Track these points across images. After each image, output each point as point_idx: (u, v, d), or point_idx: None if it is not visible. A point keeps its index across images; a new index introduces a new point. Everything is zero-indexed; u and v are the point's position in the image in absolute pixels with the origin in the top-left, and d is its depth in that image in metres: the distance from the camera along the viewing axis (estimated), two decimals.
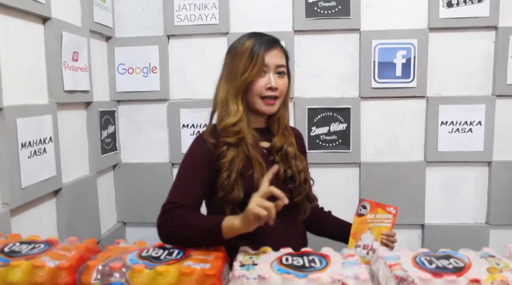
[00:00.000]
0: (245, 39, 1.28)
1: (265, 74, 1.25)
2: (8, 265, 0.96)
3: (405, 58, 2.13)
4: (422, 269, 0.92)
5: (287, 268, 0.94)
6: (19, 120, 1.42)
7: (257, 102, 1.27)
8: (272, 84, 1.24)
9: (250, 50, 1.24)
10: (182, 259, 1.00)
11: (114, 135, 2.22)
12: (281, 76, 1.28)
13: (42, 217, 1.61)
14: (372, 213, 1.35)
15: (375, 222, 1.34)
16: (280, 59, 1.28)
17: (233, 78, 1.26)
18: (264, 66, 1.24)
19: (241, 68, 1.24)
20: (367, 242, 1.33)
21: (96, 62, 2.05)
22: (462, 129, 2.14)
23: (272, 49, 1.26)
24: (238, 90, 1.25)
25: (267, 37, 1.30)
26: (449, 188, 2.20)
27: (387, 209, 1.36)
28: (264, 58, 1.24)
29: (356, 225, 1.36)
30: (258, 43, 1.25)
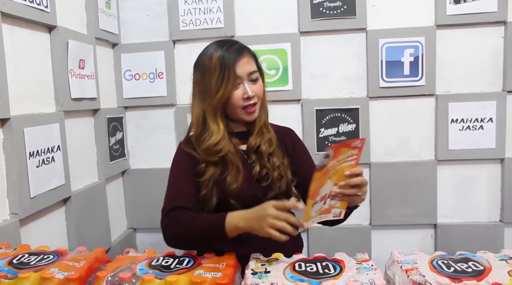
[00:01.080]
0: (211, 52, 1.26)
1: (240, 85, 1.24)
2: (17, 277, 0.95)
3: (413, 56, 2.10)
4: (440, 274, 0.90)
5: (301, 275, 0.92)
6: (26, 129, 1.41)
7: (238, 112, 1.27)
8: (249, 94, 1.24)
9: (220, 65, 1.22)
10: (192, 268, 0.99)
11: (122, 141, 2.21)
12: (255, 81, 1.27)
13: (52, 226, 1.60)
14: (334, 158, 1.01)
15: (337, 166, 1.04)
16: (250, 66, 1.26)
17: (208, 97, 1.25)
18: (237, 79, 1.23)
19: (214, 85, 1.23)
20: (325, 191, 1.06)
21: (102, 69, 2.04)
22: (473, 126, 2.10)
23: (241, 58, 1.24)
24: (215, 108, 1.25)
25: (233, 46, 1.26)
26: (461, 186, 2.16)
27: (352, 144, 1.03)
28: (235, 71, 1.22)
29: (315, 181, 1.01)
30: (226, 55, 1.23)
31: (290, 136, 1.45)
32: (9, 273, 0.96)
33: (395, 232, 2.19)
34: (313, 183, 1.01)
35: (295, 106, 2.18)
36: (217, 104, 1.24)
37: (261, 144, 1.31)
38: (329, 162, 1.01)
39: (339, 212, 1.12)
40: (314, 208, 1.05)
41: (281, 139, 1.39)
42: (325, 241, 2.18)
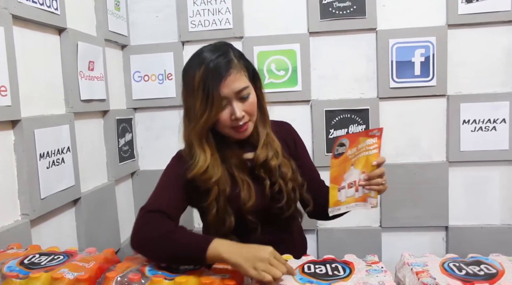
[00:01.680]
0: (194, 67, 1.12)
1: (226, 106, 1.12)
2: (28, 277, 0.95)
3: (424, 56, 2.08)
4: (452, 276, 0.88)
5: (310, 277, 0.91)
6: (37, 131, 1.42)
7: (228, 132, 1.17)
8: (236, 115, 1.11)
9: (203, 86, 1.09)
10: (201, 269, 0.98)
11: (131, 143, 2.22)
12: (245, 99, 1.13)
13: (62, 227, 1.61)
14: (352, 147, 1.07)
15: (358, 155, 1.09)
16: (238, 83, 1.12)
17: (193, 119, 1.14)
18: (223, 100, 1.11)
19: (198, 108, 1.11)
20: (353, 178, 1.11)
21: (112, 70, 2.05)
22: (485, 127, 2.07)
23: (227, 76, 1.10)
24: (200, 134, 1.15)
25: (218, 59, 1.11)
26: (473, 188, 2.13)
27: (370, 133, 1.08)
28: (220, 92, 1.09)
29: (335, 168, 1.08)
30: (210, 75, 1.09)
31: (290, 134, 1.36)
32: (21, 273, 0.97)
33: (405, 234, 2.17)
34: (332, 169, 1.08)
35: (305, 107, 2.17)
36: (202, 130, 1.13)
37: (268, 157, 1.21)
38: (347, 150, 1.07)
39: (375, 202, 1.12)
40: (342, 193, 1.09)
41: (283, 141, 1.30)
42: (335, 243, 2.17)
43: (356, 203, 1.12)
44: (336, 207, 1.10)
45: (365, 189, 1.11)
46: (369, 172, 1.10)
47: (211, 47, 1.16)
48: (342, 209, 1.11)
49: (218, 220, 1.18)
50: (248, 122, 1.16)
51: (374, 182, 1.11)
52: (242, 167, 1.21)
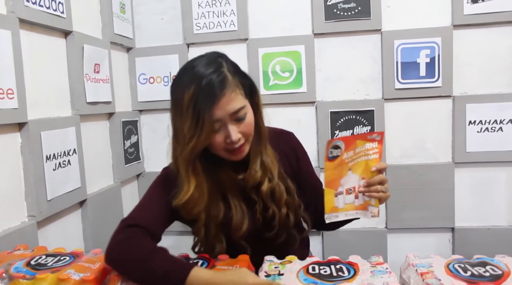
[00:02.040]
0: (184, 84, 1.00)
1: (220, 128, 1.02)
2: (35, 278, 0.96)
3: (429, 57, 2.07)
4: (457, 278, 0.88)
5: (314, 278, 0.91)
6: (43, 133, 1.43)
7: (222, 154, 1.07)
8: (232, 138, 1.02)
9: (193, 108, 0.98)
10: None
11: (137, 144, 2.23)
12: (242, 120, 1.03)
13: (68, 228, 1.62)
14: (349, 150, 1.03)
15: (356, 159, 1.04)
16: (234, 104, 1.01)
17: (180, 142, 1.03)
18: (215, 123, 1.00)
19: (186, 132, 1.00)
20: (352, 184, 1.05)
21: (117, 73, 2.07)
22: (491, 128, 2.06)
23: (221, 97, 0.98)
24: (187, 161, 1.04)
25: (211, 75, 0.99)
26: (479, 189, 2.12)
27: (369, 137, 1.03)
28: (212, 115, 0.98)
29: (330, 171, 1.04)
30: (201, 95, 0.97)
31: (291, 147, 1.25)
32: (27, 273, 0.98)
33: (411, 236, 2.16)
34: (327, 173, 1.04)
35: (310, 109, 2.17)
36: (189, 157, 1.03)
37: (261, 181, 1.12)
38: (343, 153, 1.03)
39: (376, 211, 1.04)
40: (340, 199, 1.05)
41: (284, 155, 1.21)
42: (340, 244, 2.16)
43: (357, 211, 1.06)
44: (334, 213, 1.05)
45: (365, 196, 1.04)
46: (369, 178, 1.03)
47: (203, 60, 1.04)
48: (341, 216, 1.06)
49: (207, 244, 1.13)
50: (244, 143, 1.07)
51: (373, 189, 1.02)
52: (235, 188, 1.14)
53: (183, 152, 1.03)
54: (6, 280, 0.98)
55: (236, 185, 1.14)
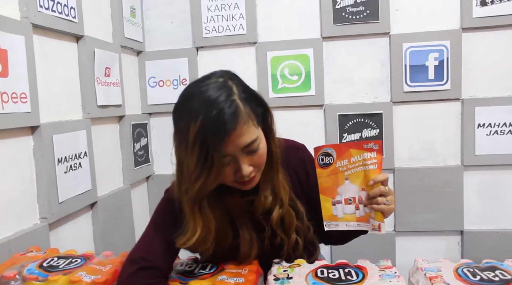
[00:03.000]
0: (188, 117, 0.88)
1: (230, 161, 0.93)
2: (47, 280, 0.98)
3: (438, 60, 2.07)
4: (466, 282, 0.88)
5: (323, 282, 0.92)
6: (55, 136, 1.45)
7: (231, 185, 0.99)
8: (243, 173, 0.94)
9: (200, 145, 0.87)
10: (215, 273, 1.00)
11: (146, 147, 2.25)
12: (254, 152, 0.94)
13: (79, 230, 1.64)
14: (342, 158, 1.00)
15: (352, 168, 1.00)
16: (246, 137, 0.91)
17: (185, 179, 0.93)
18: (225, 158, 0.91)
19: (192, 168, 0.90)
20: (351, 195, 1.01)
21: (127, 76, 2.09)
22: (501, 131, 2.05)
23: (231, 132, 0.88)
24: (193, 201, 0.95)
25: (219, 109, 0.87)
26: (489, 192, 2.11)
27: (364, 146, 0.98)
28: (222, 151, 0.89)
29: (324, 178, 1.02)
30: (209, 130, 0.86)
31: (302, 164, 1.16)
32: (40, 275, 1.00)
33: (420, 239, 2.15)
34: (320, 180, 1.02)
35: (318, 112, 2.18)
36: (196, 197, 0.94)
37: (271, 207, 1.06)
38: (336, 162, 1.00)
39: (377, 225, 0.98)
40: (339, 209, 1.02)
41: (294, 172, 1.14)
42: (349, 248, 2.12)
43: (358, 223, 1.02)
44: (333, 221, 1.03)
45: (367, 208, 1.00)
46: (369, 189, 0.98)
47: (211, 84, 0.91)
48: (341, 226, 1.02)
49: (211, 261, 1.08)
50: (255, 174, 0.99)
51: (374, 201, 0.96)
52: (243, 214, 1.06)
53: (189, 192, 0.93)
54: (19, 281, 0.99)
55: (245, 210, 1.06)
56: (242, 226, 1.05)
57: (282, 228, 1.08)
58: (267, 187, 1.05)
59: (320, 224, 1.04)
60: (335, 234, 1.08)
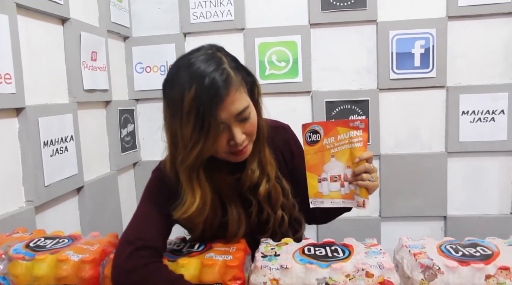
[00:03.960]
0: (182, 85, 0.90)
1: (224, 129, 0.94)
2: (34, 259, 0.98)
3: (424, 48, 2.09)
4: (448, 258, 0.90)
5: (310, 258, 0.93)
6: (41, 119, 1.44)
7: (224, 157, 1.00)
8: (237, 141, 0.95)
9: (196, 112, 0.89)
10: (203, 251, 1.00)
11: (133, 133, 2.24)
12: (246, 120, 0.96)
13: (65, 214, 1.64)
14: (329, 136, 1.01)
15: (338, 146, 1.02)
16: (239, 104, 0.93)
17: (181, 150, 0.94)
18: (220, 125, 0.92)
19: (188, 137, 0.91)
20: (337, 172, 1.03)
21: (114, 62, 2.07)
22: (484, 118, 2.09)
23: (225, 98, 0.90)
24: (191, 170, 0.96)
25: (212, 76, 0.90)
26: (472, 178, 2.15)
27: (351, 124, 1.00)
28: (218, 118, 0.90)
29: (311, 155, 1.03)
30: (204, 97, 0.88)
31: (287, 143, 1.18)
32: (27, 255, 0.99)
33: (404, 224, 2.19)
34: (307, 157, 1.04)
35: (305, 98, 2.19)
36: (193, 165, 0.95)
37: (258, 182, 1.07)
38: (323, 139, 1.02)
39: (362, 201, 1.01)
40: (324, 186, 1.03)
41: (279, 151, 1.15)
42: (334, 233, 2.14)
43: (343, 200, 1.04)
44: (318, 198, 1.04)
45: (352, 185, 1.02)
46: (355, 167, 1.00)
47: (200, 56, 0.94)
48: (326, 203, 1.04)
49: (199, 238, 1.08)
50: (247, 144, 1.00)
51: (359, 178, 0.99)
52: (231, 190, 1.07)
53: (186, 161, 0.94)
54: (6, 261, 0.99)
55: (232, 187, 1.07)
56: (231, 204, 1.06)
57: (269, 203, 1.10)
58: (254, 160, 1.06)
59: (305, 203, 1.06)
60: (319, 212, 1.11)
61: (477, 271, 0.86)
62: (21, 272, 0.96)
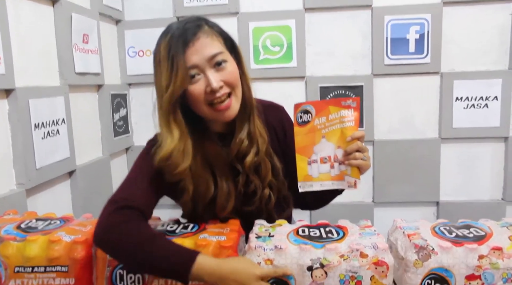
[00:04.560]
0: (161, 39, 0.99)
1: (199, 77, 0.96)
2: (25, 240, 0.97)
3: (419, 33, 2.08)
4: (442, 238, 0.91)
5: (304, 239, 0.93)
6: (31, 101, 1.42)
7: (207, 112, 1.00)
8: (212, 86, 0.95)
9: (167, 55, 0.94)
10: (197, 232, 1.00)
11: (126, 118, 2.22)
12: (222, 67, 0.97)
13: (57, 198, 1.62)
14: (320, 116, 0.99)
15: (329, 126, 0.99)
16: (210, 47, 0.96)
17: (160, 96, 0.99)
18: (190, 69, 0.95)
19: (164, 81, 0.96)
20: (327, 153, 1.00)
21: (106, 45, 2.04)
22: (477, 105, 2.09)
23: (194, 41, 0.94)
24: (167, 112, 0.97)
25: (186, 25, 0.97)
26: (464, 164, 2.16)
27: (343, 103, 0.97)
28: (186, 60, 0.94)
29: (301, 137, 1.00)
30: (174, 40, 0.95)
31: (281, 123, 1.18)
32: (18, 236, 0.98)
33: (397, 209, 2.20)
34: (298, 138, 1.01)
35: (299, 84, 2.17)
36: (167, 106, 0.96)
37: (246, 152, 1.07)
38: (314, 119, 0.98)
39: (353, 182, 0.99)
40: (314, 168, 1.01)
41: (273, 130, 1.16)
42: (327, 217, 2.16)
43: (333, 182, 1.01)
44: (308, 182, 1.02)
45: (342, 166, 1.00)
46: (346, 146, 0.98)
47: (187, 20, 1.00)
48: (316, 186, 1.02)
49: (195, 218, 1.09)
50: (230, 97, 1.00)
51: (351, 157, 0.98)
52: (221, 161, 1.07)
53: (162, 104, 0.98)
54: None
55: (222, 158, 1.07)
56: (221, 177, 1.07)
57: (257, 175, 1.09)
58: (242, 129, 1.06)
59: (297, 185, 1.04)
60: (312, 198, 1.11)
61: (471, 252, 0.87)
62: (12, 253, 0.95)
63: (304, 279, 0.87)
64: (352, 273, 0.86)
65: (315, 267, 0.86)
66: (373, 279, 0.86)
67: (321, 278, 0.86)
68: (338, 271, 0.86)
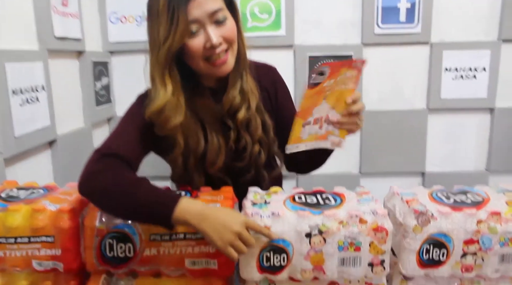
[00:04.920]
0: None
1: (199, 32, 0.97)
2: (7, 209, 0.92)
3: (410, 2, 2.04)
4: (441, 204, 0.90)
5: (302, 205, 0.90)
6: (8, 65, 1.33)
7: (203, 67, 1.01)
8: (212, 41, 0.96)
9: (167, 7, 0.93)
10: None
11: (108, 87, 2.14)
12: (222, 24, 0.98)
13: (38, 168, 1.56)
14: (332, 77, 0.93)
15: (335, 87, 0.95)
16: (212, 3, 0.96)
17: (156, 48, 0.97)
18: (191, 24, 0.95)
19: (162, 33, 0.94)
20: (321, 114, 0.98)
21: (86, 10, 1.93)
22: (466, 75, 2.09)
23: None
24: (163, 65, 0.97)
25: None
26: (451, 135, 2.17)
27: (353, 65, 0.94)
28: (187, 13, 0.93)
29: (307, 100, 0.95)
30: None
31: (273, 83, 1.20)
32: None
33: (383, 180, 2.20)
34: (304, 101, 0.95)
35: (288, 53, 2.12)
36: (165, 59, 0.96)
37: (238, 108, 1.08)
38: (325, 81, 0.93)
39: (338, 141, 1.00)
40: (306, 130, 0.98)
41: (265, 90, 1.17)
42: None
43: (316, 141, 1.00)
44: (295, 144, 0.99)
45: (330, 126, 0.99)
46: (340, 108, 0.96)
47: None
48: (301, 147, 1.00)
49: (185, 176, 1.09)
50: (227, 52, 1.01)
51: (351, 121, 0.99)
52: (212, 117, 1.09)
53: (158, 56, 0.96)
54: None
55: (214, 112, 1.09)
56: (212, 132, 1.08)
57: (248, 131, 1.11)
58: (234, 85, 1.08)
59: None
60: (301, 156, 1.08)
61: (469, 217, 0.86)
62: None
63: (302, 245, 0.84)
64: (351, 239, 0.84)
65: (314, 234, 0.84)
66: (372, 245, 0.85)
67: (320, 244, 0.84)
68: (337, 237, 0.84)
